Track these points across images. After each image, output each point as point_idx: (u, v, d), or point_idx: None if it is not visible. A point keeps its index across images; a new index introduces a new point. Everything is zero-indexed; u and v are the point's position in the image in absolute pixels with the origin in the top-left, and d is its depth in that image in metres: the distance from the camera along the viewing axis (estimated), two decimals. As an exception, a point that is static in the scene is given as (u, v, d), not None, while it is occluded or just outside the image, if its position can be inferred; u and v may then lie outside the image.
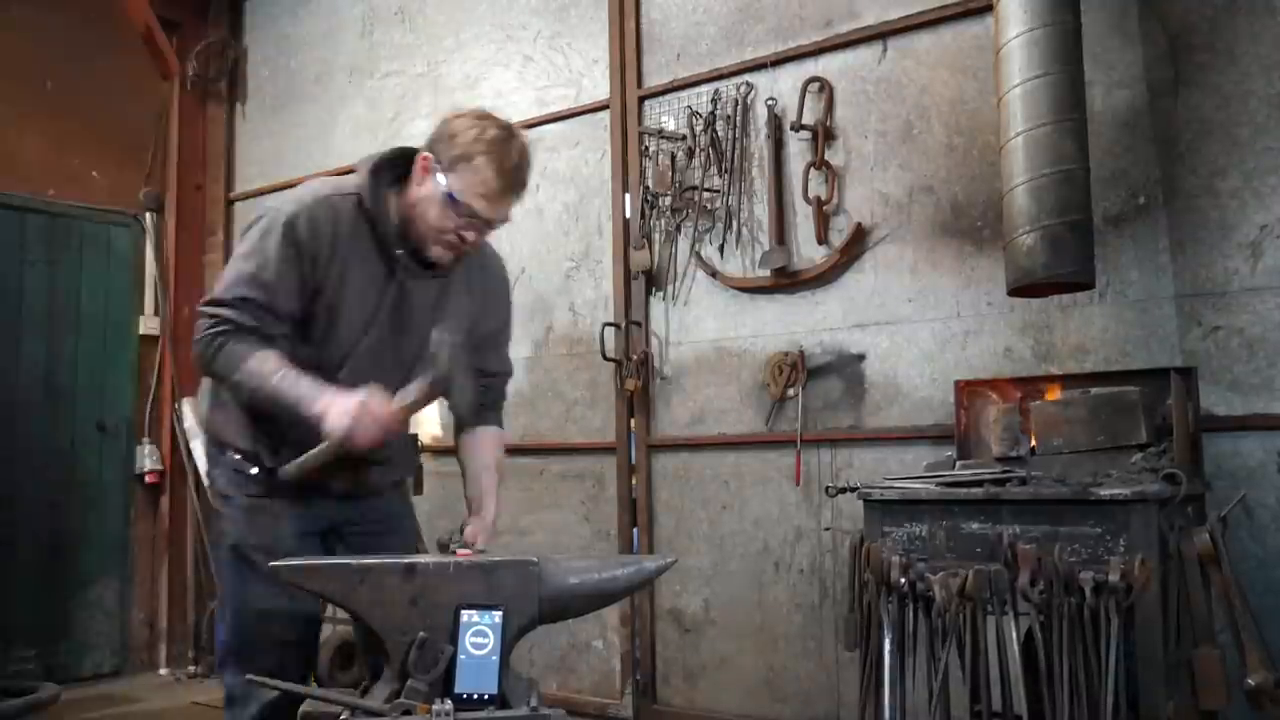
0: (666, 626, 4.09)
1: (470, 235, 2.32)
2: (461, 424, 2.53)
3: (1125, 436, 2.76)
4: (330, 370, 2.24)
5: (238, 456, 2.32)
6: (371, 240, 2.27)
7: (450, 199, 2.22)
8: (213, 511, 2.58)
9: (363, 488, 2.42)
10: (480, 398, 2.46)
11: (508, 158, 2.26)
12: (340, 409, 2.11)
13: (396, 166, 2.31)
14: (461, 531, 2.35)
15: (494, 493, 2.51)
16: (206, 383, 2.41)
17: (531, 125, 4.59)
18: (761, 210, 3.87)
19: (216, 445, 2.39)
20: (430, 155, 2.25)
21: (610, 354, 4.16)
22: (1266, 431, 2.94)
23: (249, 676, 2.20)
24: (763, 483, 3.82)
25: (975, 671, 2.50)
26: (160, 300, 5.59)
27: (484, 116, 2.29)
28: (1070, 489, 2.51)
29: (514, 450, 4.55)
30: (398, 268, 2.30)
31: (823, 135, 3.73)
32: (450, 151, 2.23)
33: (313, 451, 2.19)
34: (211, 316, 2.19)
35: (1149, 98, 3.18)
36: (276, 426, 2.24)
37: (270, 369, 2.15)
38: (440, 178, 2.22)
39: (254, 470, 2.30)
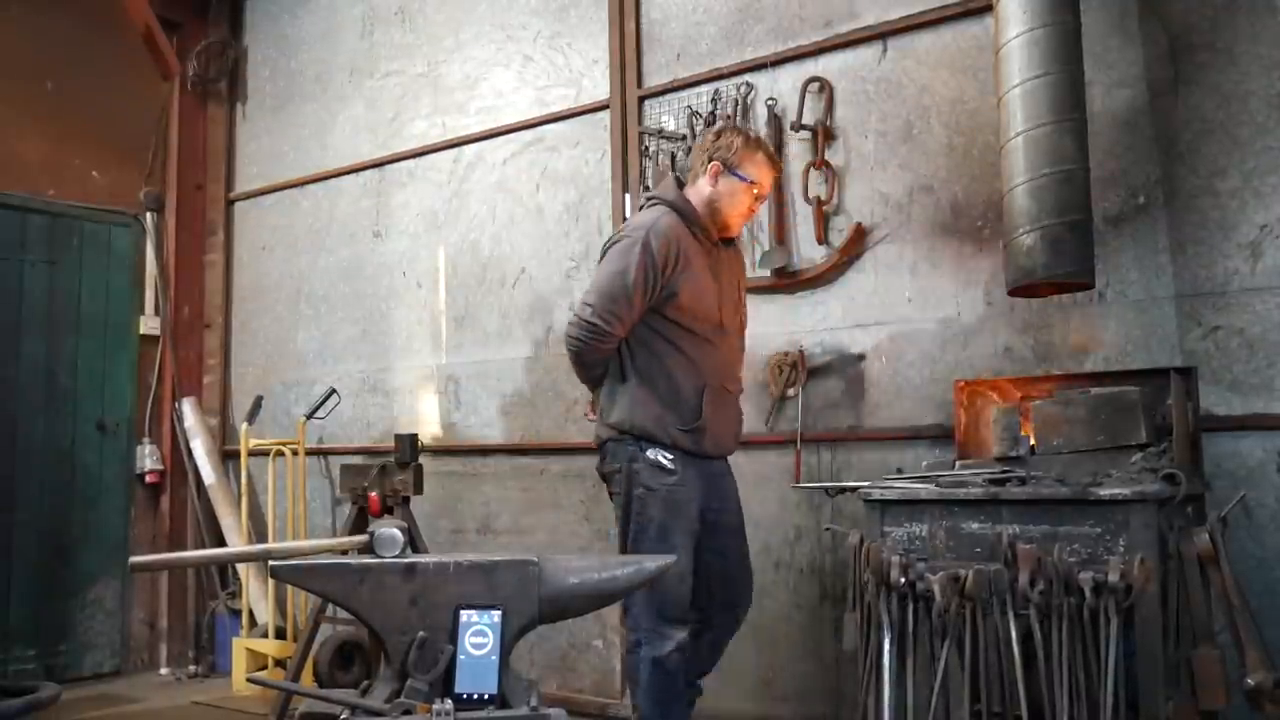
0: (666, 626, 4.08)
1: (757, 207, 3.25)
2: None
3: (1125, 436, 2.76)
4: (697, 319, 3.03)
5: (656, 452, 2.99)
6: (689, 234, 3.06)
7: (749, 184, 3.09)
8: (618, 493, 3.07)
9: (731, 446, 3.22)
10: None
11: (769, 148, 3.21)
12: None
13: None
14: None
15: None
16: (626, 385, 3.04)
17: (531, 125, 4.60)
18: (761, 210, 3.86)
19: (637, 442, 3.01)
20: (716, 164, 3.07)
21: (610, 354, 4.15)
22: (1266, 431, 2.94)
23: (249, 677, 2.20)
24: (763, 482, 3.82)
25: (975, 671, 2.50)
26: (160, 300, 5.59)
27: (734, 129, 3.22)
28: (1070, 489, 2.52)
29: (514, 450, 4.57)
30: (712, 248, 3.13)
31: (823, 135, 3.73)
32: (732, 156, 3.07)
33: None
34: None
35: (1149, 97, 3.18)
36: (682, 415, 2.99)
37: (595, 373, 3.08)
38: (735, 173, 3.07)
39: (670, 465, 2.98)
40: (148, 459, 5.45)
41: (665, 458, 2.99)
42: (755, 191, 3.12)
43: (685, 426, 3.00)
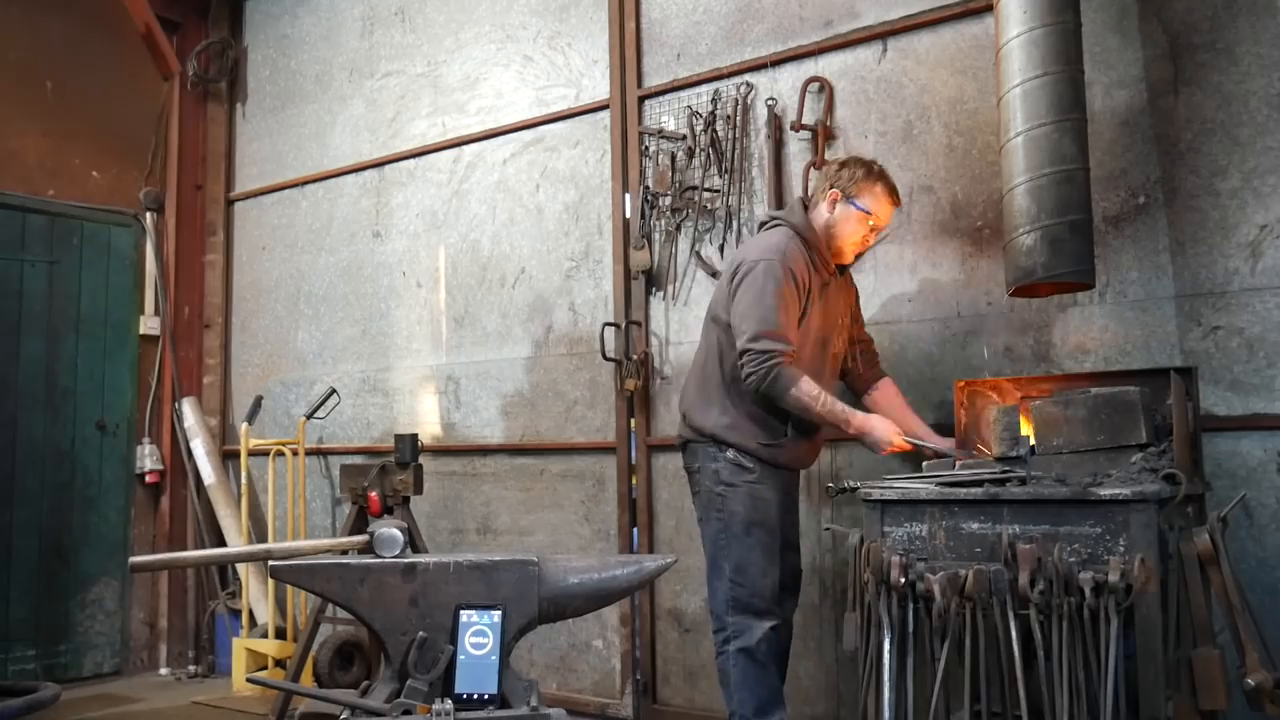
0: (666, 626, 4.09)
1: (872, 239, 3.23)
2: (862, 386, 3.40)
3: (1125, 436, 2.75)
4: (802, 345, 3.07)
5: (735, 454, 3.10)
6: (811, 260, 3.12)
7: (866, 214, 3.11)
8: (701, 491, 3.21)
9: (811, 462, 3.37)
10: (868, 361, 3.41)
11: (891, 181, 3.18)
12: (881, 428, 3.01)
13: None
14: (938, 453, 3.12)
15: (921, 422, 3.31)
16: (718, 393, 3.15)
17: (531, 125, 4.61)
18: (761, 210, 3.87)
19: (717, 445, 3.13)
20: (836, 191, 3.12)
21: (610, 354, 4.16)
22: (1266, 431, 2.95)
23: (249, 677, 2.20)
24: (763, 483, 3.82)
25: (975, 671, 2.50)
26: (160, 300, 5.60)
27: (859, 160, 3.21)
28: (1070, 489, 2.51)
29: (514, 450, 4.57)
30: (828, 275, 3.19)
31: (823, 135, 3.73)
32: (851, 186, 3.11)
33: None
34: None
35: (1149, 97, 3.18)
36: (766, 432, 3.09)
37: (815, 393, 2.97)
38: (853, 203, 3.11)
39: (750, 465, 3.09)
40: (148, 459, 5.45)
41: (745, 460, 3.10)
42: (871, 223, 3.16)
43: (766, 442, 3.10)
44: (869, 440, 3.04)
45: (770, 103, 3.86)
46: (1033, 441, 2.92)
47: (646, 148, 4.17)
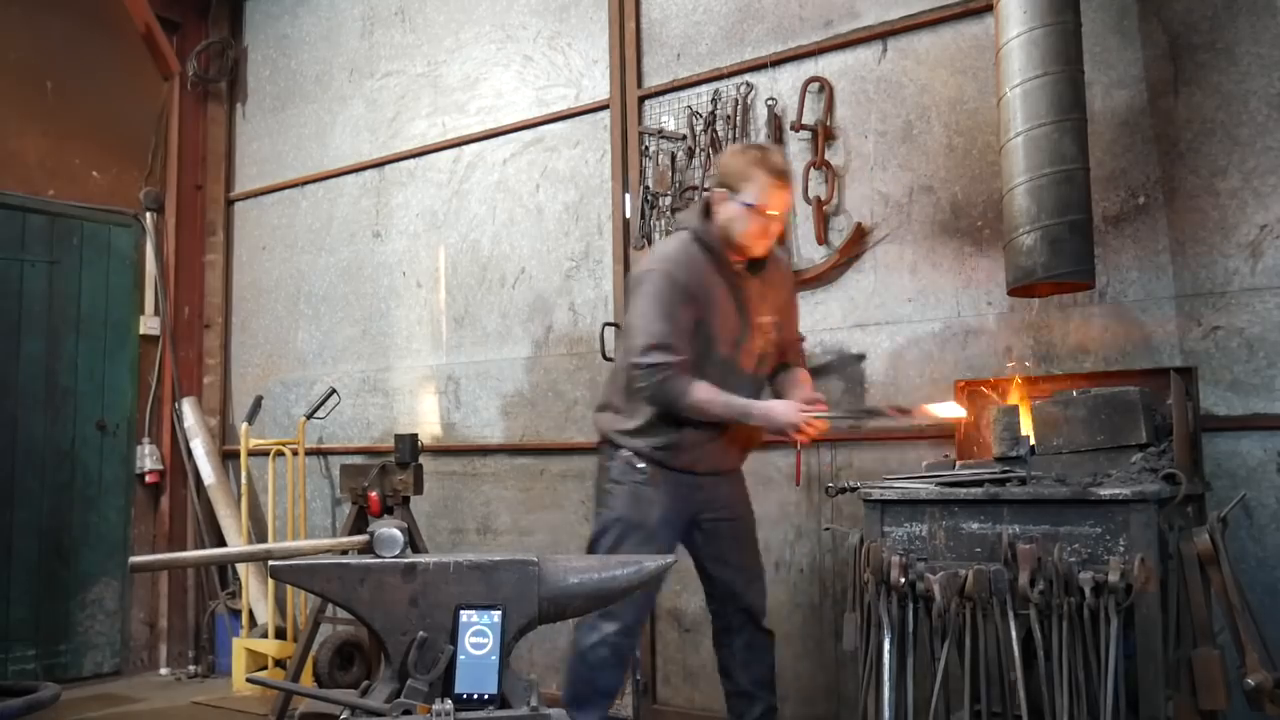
0: (666, 626, 4.09)
1: (773, 227, 3.02)
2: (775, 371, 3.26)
3: (1125, 436, 2.76)
4: (711, 356, 2.98)
5: (628, 453, 3.02)
6: (712, 263, 2.99)
7: (749, 208, 2.93)
8: (596, 491, 3.19)
9: (726, 465, 3.14)
10: (792, 359, 3.26)
11: (773, 162, 2.98)
12: (782, 409, 2.94)
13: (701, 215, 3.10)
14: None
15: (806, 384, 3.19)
16: (620, 397, 3.06)
17: (531, 125, 4.61)
18: (761, 210, 3.87)
19: (612, 445, 3.07)
20: (722, 190, 2.98)
21: (610, 354, 4.16)
22: (1266, 431, 2.95)
23: (249, 677, 2.20)
24: (763, 483, 3.81)
25: (975, 671, 2.50)
26: (160, 300, 5.59)
27: (736, 150, 3.11)
28: (1070, 489, 2.52)
29: (514, 450, 4.57)
30: (734, 275, 3.03)
31: (823, 135, 3.73)
32: (732, 179, 2.97)
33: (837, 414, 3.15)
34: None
35: (1149, 97, 3.18)
36: (657, 434, 2.99)
37: (709, 396, 2.89)
38: (737, 199, 2.94)
39: (641, 465, 3.00)
40: (148, 459, 5.45)
41: (637, 462, 3.03)
42: (766, 212, 2.96)
43: (657, 444, 3.00)
44: (775, 427, 2.93)
45: (770, 103, 3.86)
46: (1033, 441, 2.92)
47: (646, 148, 4.17)
